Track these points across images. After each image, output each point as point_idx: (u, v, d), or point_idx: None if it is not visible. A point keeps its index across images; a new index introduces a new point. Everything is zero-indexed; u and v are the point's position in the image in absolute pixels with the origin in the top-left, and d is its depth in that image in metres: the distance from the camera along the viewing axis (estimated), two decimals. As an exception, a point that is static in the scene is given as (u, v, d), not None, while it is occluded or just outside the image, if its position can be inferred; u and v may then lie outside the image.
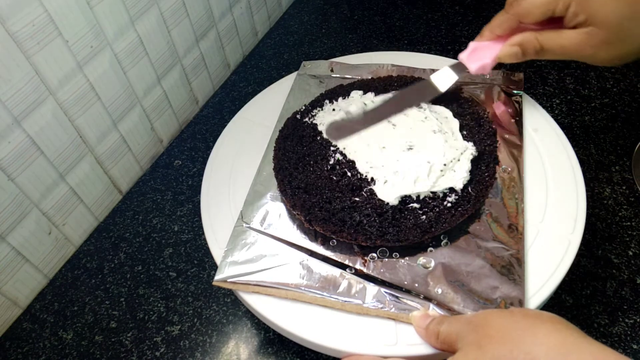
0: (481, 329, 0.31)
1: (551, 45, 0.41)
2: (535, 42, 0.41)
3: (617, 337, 0.43)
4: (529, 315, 0.31)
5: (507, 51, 0.42)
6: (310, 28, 0.81)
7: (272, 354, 0.45)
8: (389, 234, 0.39)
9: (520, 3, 0.41)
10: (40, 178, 0.49)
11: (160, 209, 0.58)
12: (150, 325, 0.48)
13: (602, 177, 0.54)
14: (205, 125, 0.68)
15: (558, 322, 0.30)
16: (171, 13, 0.60)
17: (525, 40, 0.41)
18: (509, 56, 0.42)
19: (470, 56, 0.45)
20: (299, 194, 0.42)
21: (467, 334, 0.31)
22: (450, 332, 0.32)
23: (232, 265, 0.40)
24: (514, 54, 0.42)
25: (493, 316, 0.31)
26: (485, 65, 0.44)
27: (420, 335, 0.35)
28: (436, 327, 0.33)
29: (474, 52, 0.45)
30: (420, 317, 0.35)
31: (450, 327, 0.32)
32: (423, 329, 0.34)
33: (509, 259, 0.38)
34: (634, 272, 0.47)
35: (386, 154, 0.43)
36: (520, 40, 0.42)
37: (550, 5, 0.39)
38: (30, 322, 0.50)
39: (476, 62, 0.44)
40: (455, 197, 0.41)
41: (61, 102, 0.49)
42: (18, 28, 0.43)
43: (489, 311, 0.33)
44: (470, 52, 0.45)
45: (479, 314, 0.33)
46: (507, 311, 0.32)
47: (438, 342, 0.33)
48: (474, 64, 0.45)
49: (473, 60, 0.45)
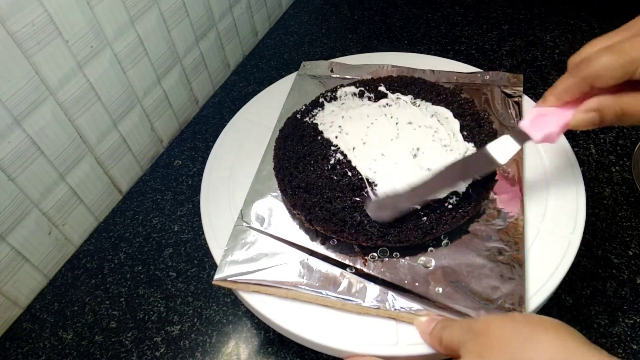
0: (482, 337, 0.30)
1: (634, 109, 0.35)
2: (617, 108, 0.35)
3: (617, 338, 0.43)
4: (531, 323, 0.30)
5: (583, 119, 0.37)
6: (310, 28, 0.82)
7: (272, 354, 0.45)
8: (389, 234, 0.39)
9: (591, 65, 0.35)
10: (40, 178, 0.49)
11: (160, 209, 0.58)
12: (150, 325, 0.48)
13: (602, 177, 0.54)
14: (205, 125, 0.68)
15: (561, 330, 0.29)
16: (171, 13, 0.60)
17: (603, 105, 0.36)
18: (584, 124, 0.37)
19: (534, 123, 0.39)
20: (299, 194, 0.42)
21: (468, 341, 0.31)
22: (453, 338, 0.32)
23: (232, 264, 0.40)
24: (590, 121, 0.36)
25: (495, 323, 0.31)
26: (551, 134, 0.38)
27: (424, 340, 0.35)
28: (439, 332, 0.33)
29: (537, 119, 0.39)
30: (425, 322, 0.35)
31: (453, 332, 0.32)
32: (427, 334, 0.34)
33: (509, 259, 0.38)
34: (634, 272, 0.47)
35: (387, 160, 0.43)
36: (598, 106, 0.36)
37: (629, 68, 0.34)
38: (30, 322, 0.50)
39: (541, 131, 0.38)
40: (456, 199, 0.41)
41: (61, 102, 0.49)
42: (18, 28, 0.43)
43: (491, 317, 0.32)
44: (532, 119, 0.39)
45: (481, 320, 0.32)
46: (509, 318, 0.31)
47: (441, 347, 0.33)
48: (539, 132, 0.38)
49: (537, 129, 0.39)
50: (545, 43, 0.72)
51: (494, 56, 0.71)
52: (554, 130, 0.38)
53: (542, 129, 0.38)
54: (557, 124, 0.38)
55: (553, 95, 0.38)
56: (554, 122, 0.38)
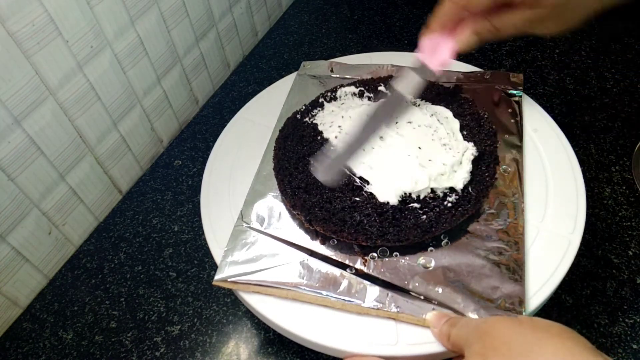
0: (487, 339, 0.30)
1: (505, 26, 0.42)
2: (490, 27, 0.42)
3: (617, 337, 0.43)
4: (537, 328, 0.29)
5: (466, 41, 0.43)
6: (310, 28, 0.82)
7: (272, 354, 0.45)
8: (389, 233, 0.39)
9: None
10: (40, 178, 0.49)
11: (160, 209, 0.58)
12: (150, 325, 0.48)
13: (602, 177, 0.54)
14: (205, 125, 0.68)
15: (567, 336, 0.29)
16: (171, 13, 0.60)
17: (480, 28, 0.43)
18: (467, 46, 0.44)
19: (428, 54, 0.45)
20: (299, 194, 0.42)
21: (473, 341, 0.31)
22: (460, 337, 0.32)
23: (232, 265, 0.40)
24: (472, 42, 0.44)
25: (501, 325, 0.30)
26: (445, 60, 0.44)
27: (433, 335, 0.35)
28: (448, 329, 0.33)
29: (429, 50, 0.45)
30: (436, 317, 0.35)
31: (461, 331, 0.32)
32: (437, 330, 0.34)
33: (509, 258, 0.38)
34: (634, 272, 0.47)
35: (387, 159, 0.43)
36: (475, 29, 0.43)
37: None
38: (30, 322, 0.50)
39: (436, 59, 0.44)
40: (455, 197, 0.41)
41: (61, 102, 0.49)
42: (18, 28, 0.43)
43: (497, 319, 0.32)
44: (426, 51, 0.45)
45: (489, 320, 0.32)
46: (516, 321, 0.31)
47: (449, 343, 0.33)
48: (434, 61, 0.44)
49: (433, 58, 0.44)
50: (545, 43, 0.71)
51: (494, 56, 0.71)
52: (447, 57, 0.44)
53: (436, 58, 0.44)
54: (448, 51, 0.44)
55: (435, 22, 0.44)
56: (444, 49, 0.44)
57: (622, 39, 0.70)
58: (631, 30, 0.71)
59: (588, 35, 0.72)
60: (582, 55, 0.69)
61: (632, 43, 0.69)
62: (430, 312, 0.35)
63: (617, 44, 0.70)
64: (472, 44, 0.44)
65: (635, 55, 0.68)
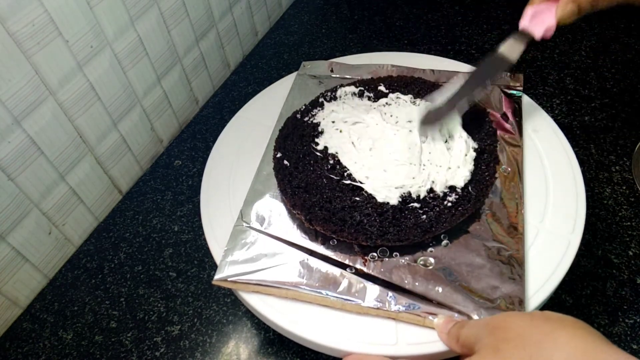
0: (499, 332, 0.30)
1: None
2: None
3: (617, 337, 0.43)
4: (550, 319, 0.29)
5: (566, 11, 0.43)
6: (310, 28, 0.82)
7: (272, 354, 0.45)
8: (389, 233, 0.39)
9: None
10: (40, 178, 0.49)
11: (160, 209, 0.58)
12: (150, 325, 0.48)
13: (602, 177, 0.54)
14: (205, 125, 0.68)
15: (580, 327, 0.29)
16: (171, 13, 0.60)
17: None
18: (568, 15, 0.44)
19: (532, 22, 0.45)
20: (299, 194, 0.42)
21: (484, 336, 0.30)
22: (470, 335, 0.32)
23: (232, 264, 0.40)
24: (571, 12, 0.43)
25: (512, 319, 0.30)
26: (549, 27, 0.45)
27: (442, 340, 0.34)
28: (457, 330, 0.33)
29: (533, 18, 0.45)
30: (443, 321, 0.35)
31: (470, 330, 0.32)
32: (445, 334, 0.34)
33: (509, 258, 0.38)
34: (634, 272, 0.47)
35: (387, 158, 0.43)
36: None
37: None
38: (30, 322, 0.50)
39: (539, 26, 0.45)
40: (455, 197, 0.41)
41: (61, 102, 0.49)
42: (18, 28, 0.43)
43: (508, 313, 0.32)
44: (530, 18, 0.46)
45: (498, 316, 0.32)
46: (528, 314, 0.31)
47: (458, 345, 0.33)
48: (538, 28, 0.45)
49: (536, 25, 0.45)
50: (545, 43, 0.71)
51: (494, 56, 0.71)
52: (552, 24, 0.44)
53: (540, 25, 0.45)
54: (552, 18, 0.44)
55: None
56: (548, 16, 0.44)
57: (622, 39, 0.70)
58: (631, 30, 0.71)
59: (588, 35, 0.72)
60: (582, 55, 0.69)
61: (632, 43, 0.69)
62: (438, 317, 0.35)
63: (617, 44, 0.70)
64: (572, 15, 0.44)
65: (635, 55, 0.68)
